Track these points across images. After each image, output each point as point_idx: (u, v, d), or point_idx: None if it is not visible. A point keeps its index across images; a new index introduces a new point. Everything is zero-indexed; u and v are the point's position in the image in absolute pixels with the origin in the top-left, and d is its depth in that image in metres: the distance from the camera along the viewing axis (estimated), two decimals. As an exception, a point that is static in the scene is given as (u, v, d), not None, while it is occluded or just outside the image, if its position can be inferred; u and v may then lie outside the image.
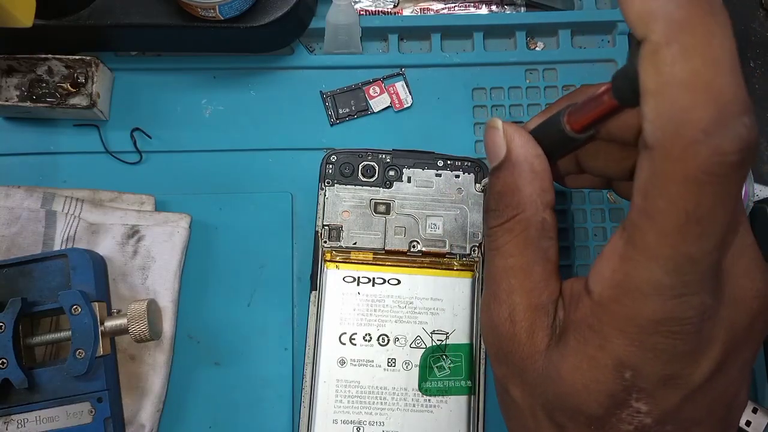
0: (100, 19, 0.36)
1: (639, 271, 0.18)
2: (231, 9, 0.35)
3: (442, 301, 0.36)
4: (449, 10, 0.42)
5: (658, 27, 0.16)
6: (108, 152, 0.39)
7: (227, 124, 0.40)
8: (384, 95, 0.41)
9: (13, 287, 0.33)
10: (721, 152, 0.16)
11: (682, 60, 0.16)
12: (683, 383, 0.20)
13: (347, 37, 0.40)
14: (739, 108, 0.16)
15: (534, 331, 0.22)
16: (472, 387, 0.35)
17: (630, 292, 0.19)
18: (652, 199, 0.17)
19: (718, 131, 0.16)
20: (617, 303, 0.19)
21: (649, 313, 0.18)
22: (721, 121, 0.16)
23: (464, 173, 0.37)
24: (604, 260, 0.20)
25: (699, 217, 0.17)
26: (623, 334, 0.19)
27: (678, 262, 0.17)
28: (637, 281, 0.18)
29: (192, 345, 0.37)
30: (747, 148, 0.16)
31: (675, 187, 0.17)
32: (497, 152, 0.23)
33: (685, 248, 0.17)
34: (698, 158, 0.16)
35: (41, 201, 0.36)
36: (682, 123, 0.16)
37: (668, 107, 0.16)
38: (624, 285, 0.19)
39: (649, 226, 0.18)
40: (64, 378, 0.32)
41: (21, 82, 0.38)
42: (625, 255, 0.19)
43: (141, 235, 0.36)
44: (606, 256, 0.20)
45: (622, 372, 0.19)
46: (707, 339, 0.19)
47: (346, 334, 0.35)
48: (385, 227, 0.36)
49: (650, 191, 0.17)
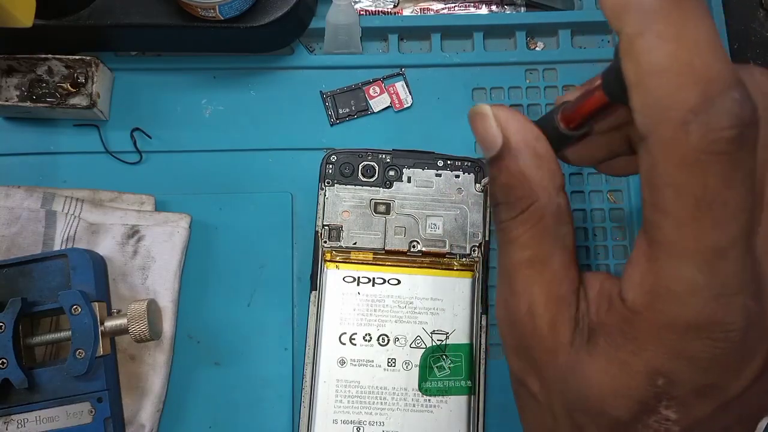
0: (100, 19, 0.36)
1: (668, 271, 0.17)
2: (231, 9, 0.35)
3: (442, 301, 0.36)
4: (449, 10, 0.42)
5: (632, 18, 0.16)
6: (108, 152, 0.39)
7: (227, 124, 0.40)
8: (384, 95, 0.41)
9: (13, 287, 0.33)
10: (714, 129, 0.15)
11: (658, 46, 0.16)
12: (719, 394, 0.18)
13: (347, 37, 0.40)
14: (725, 84, 0.16)
15: (556, 323, 0.21)
16: (472, 387, 0.35)
17: (664, 296, 0.18)
18: (659, 189, 0.17)
19: (706, 109, 0.15)
20: (652, 309, 0.18)
21: (687, 317, 0.17)
22: (707, 98, 0.15)
23: (464, 173, 0.37)
24: (632, 265, 0.19)
25: (709, 201, 0.16)
26: (660, 341, 0.18)
27: (705, 256, 0.17)
28: (669, 282, 0.17)
29: (192, 345, 0.37)
30: (742, 123, 0.16)
31: (676, 172, 0.16)
32: (493, 141, 0.21)
33: (706, 238, 0.16)
34: (692, 139, 0.16)
35: (41, 201, 0.36)
36: (668, 107, 0.16)
37: (652, 95, 0.16)
38: (656, 289, 0.18)
39: (663, 219, 0.17)
40: (64, 378, 0.32)
41: (21, 82, 0.38)
42: (650, 256, 0.18)
43: (141, 235, 0.36)
44: (634, 260, 0.19)
45: (655, 379, 0.18)
46: (750, 348, 0.18)
47: (346, 334, 0.35)
48: (385, 227, 0.36)
49: (654, 182, 0.17)
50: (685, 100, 0.16)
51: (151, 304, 0.33)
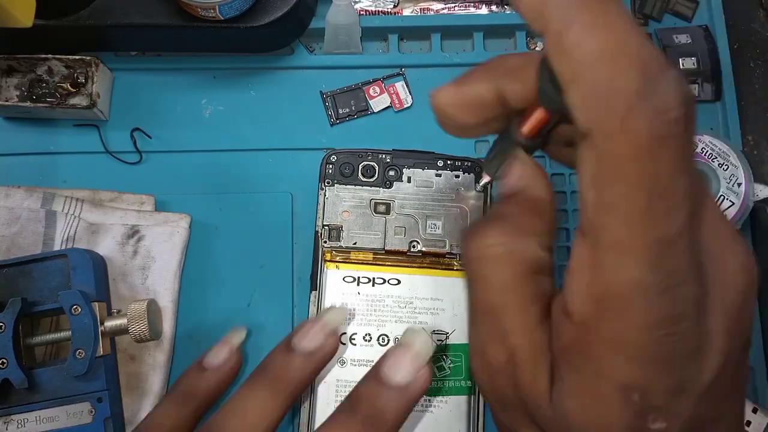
0: (100, 19, 0.36)
1: (617, 276, 0.17)
2: (231, 9, 0.35)
3: (442, 301, 0.36)
4: (449, 10, 0.42)
5: (554, 15, 0.16)
6: (108, 152, 0.39)
7: (227, 124, 0.40)
8: (384, 95, 0.41)
9: (13, 287, 0.33)
10: (663, 110, 0.15)
11: (588, 36, 0.15)
12: (693, 386, 0.18)
13: (347, 37, 0.40)
14: (661, 65, 0.15)
15: (537, 374, 0.20)
16: (472, 387, 0.35)
17: (612, 303, 0.17)
18: (608, 187, 0.16)
19: (650, 90, 0.15)
20: (601, 319, 0.17)
21: (641, 320, 0.17)
22: (649, 80, 0.15)
23: (464, 173, 0.37)
24: (574, 276, 0.18)
25: (661, 190, 0.16)
26: (617, 352, 0.17)
27: (654, 251, 0.16)
28: (617, 287, 0.17)
29: (192, 345, 0.37)
30: (687, 101, 0.15)
31: (627, 164, 0.16)
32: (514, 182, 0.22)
33: (656, 231, 0.16)
34: (641, 124, 0.15)
35: (41, 201, 0.36)
36: (610, 95, 0.15)
37: (591, 86, 0.15)
38: (603, 297, 0.17)
39: (611, 219, 0.16)
40: (64, 378, 0.32)
41: (21, 82, 0.38)
42: (594, 262, 0.17)
43: (141, 235, 0.36)
44: (575, 270, 0.18)
45: (629, 396, 0.17)
46: (707, 332, 0.18)
47: (346, 334, 0.35)
48: (385, 227, 0.36)
49: (601, 180, 0.16)
50: (626, 86, 0.15)
51: (151, 304, 0.33)
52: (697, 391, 0.18)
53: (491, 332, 0.21)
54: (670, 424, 0.18)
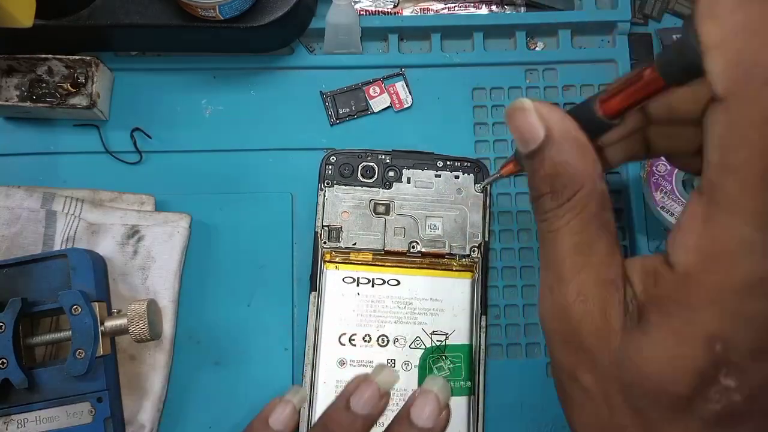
0: (100, 19, 0.36)
1: (727, 232, 0.18)
2: (231, 9, 0.35)
3: (441, 302, 0.36)
4: (449, 10, 0.42)
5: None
6: (108, 152, 0.39)
7: (227, 124, 0.40)
8: (384, 95, 0.41)
9: (13, 287, 0.33)
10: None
11: (741, 7, 0.16)
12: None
13: (347, 37, 0.40)
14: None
15: (607, 308, 0.21)
16: (472, 387, 0.35)
17: (719, 257, 0.18)
18: (733, 150, 0.17)
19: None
20: (707, 272, 0.18)
21: (743, 276, 0.17)
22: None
23: (464, 174, 0.37)
24: (684, 230, 0.19)
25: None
26: (715, 304, 0.18)
27: (765, 215, 0.17)
28: (726, 243, 0.18)
29: (192, 345, 0.37)
30: None
31: (755, 131, 0.17)
32: (535, 133, 0.22)
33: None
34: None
35: (41, 201, 0.36)
36: (752, 66, 0.16)
37: (736, 55, 0.16)
38: (712, 250, 0.18)
39: (731, 180, 0.17)
40: (64, 378, 0.32)
41: (21, 82, 0.38)
42: (708, 218, 0.18)
43: (141, 235, 0.36)
44: (685, 225, 0.19)
45: (713, 345, 0.18)
46: None
47: (346, 335, 0.35)
48: (385, 228, 0.37)
49: (729, 143, 0.17)
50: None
51: (151, 304, 0.33)
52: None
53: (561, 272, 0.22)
54: (740, 384, 0.18)
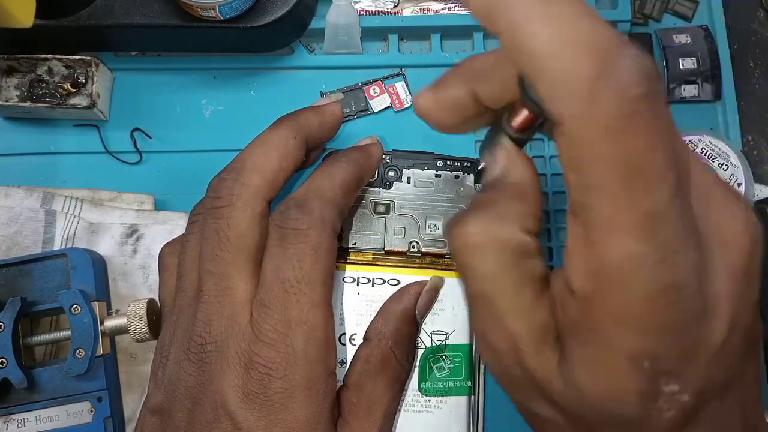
0: (100, 19, 0.36)
1: (611, 251, 0.17)
2: (231, 9, 0.35)
3: (441, 302, 0.36)
4: (449, 10, 0.42)
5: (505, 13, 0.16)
6: (108, 152, 0.39)
7: (227, 124, 0.40)
8: (384, 95, 0.41)
9: (13, 287, 0.33)
10: (624, 89, 0.15)
11: (541, 29, 0.16)
12: (704, 349, 0.18)
13: (347, 37, 0.40)
14: (618, 44, 0.16)
15: (542, 352, 0.20)
16: (472, 387, 0.35)
17: (612, 278, 0.17)
18: (586, 167, 0.16)
19: (609, 72, 0.15)
20: (602, 294, 0.18)
21: (639, 291, 0.17)
22: (608, 61, 0.15)
23: (464, 173, 0.37)
24: (571, 254, 0.18)
25: (638, 165, 0.16)
26: (622, 324, 0.18)
27: (644, 224, 0.16)
28: (614, 262, 0.17)
29: (192, 345, 0.37)
30: (649, 76, 0.15)
31: (600, 144, 0.16)
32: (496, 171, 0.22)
33: (642, 205, 0.16)
34: (607, 104, 0.15)
35: (41, 201, 0.36)
36: (571, 81, 0.16)
37: (553, 77, 0.16)
38: (603, 273, 0.17)
39: (595, 197, 0.17)
40: (64, 377, 0.32)
41: (21, 82, 0.38)
42: (588, 239, 0.17)
43: (140, 234, 0.36)
44: (571, 248, 0.18)
45: (640, 364, 0.18)
46: (711, 295, 0.18)
47: (346, 335, 0.35)
48: (385, 228, 0.36)
49: (580, 162, 0.17)
50: (584, 71, 0.15)
51: (150, 303, 0.33)
52: (707, 354, 0.18)
53: (488, 319, 0.21)
54: (683, 386, 0.18)
